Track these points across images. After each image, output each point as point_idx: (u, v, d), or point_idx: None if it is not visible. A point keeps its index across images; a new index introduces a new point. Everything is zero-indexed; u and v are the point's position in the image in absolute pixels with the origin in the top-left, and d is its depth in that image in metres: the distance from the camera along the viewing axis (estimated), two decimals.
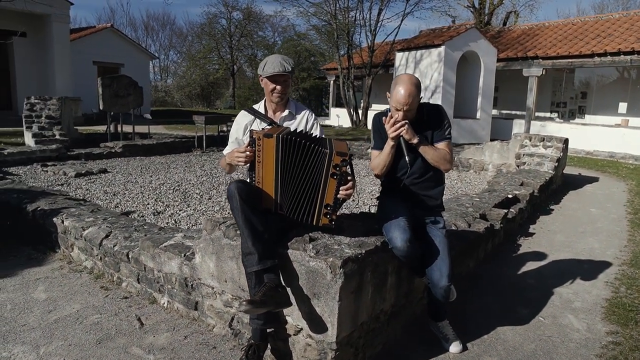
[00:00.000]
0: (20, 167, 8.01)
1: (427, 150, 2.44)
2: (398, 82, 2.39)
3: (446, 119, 2.53)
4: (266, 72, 2.49)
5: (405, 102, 2.35)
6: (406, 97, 2.34)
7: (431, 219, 2.57)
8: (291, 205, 2.25)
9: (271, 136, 2.19)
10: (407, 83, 2.36)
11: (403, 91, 2.34)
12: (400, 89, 2.36)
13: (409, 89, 2.34)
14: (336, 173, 2.15)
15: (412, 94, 2.34)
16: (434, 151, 2.45)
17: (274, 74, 2.48)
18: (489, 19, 22.56)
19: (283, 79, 2.53)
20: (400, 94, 2.35)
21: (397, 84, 2.39)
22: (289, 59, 2.55)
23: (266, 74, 2.49)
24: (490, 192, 5.57)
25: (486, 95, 14.82)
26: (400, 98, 2.35)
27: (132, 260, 3.23)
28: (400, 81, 2.38)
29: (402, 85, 2.36)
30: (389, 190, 2.62)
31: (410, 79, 2.39)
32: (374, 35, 18.45)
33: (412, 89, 2.35)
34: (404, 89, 2.34)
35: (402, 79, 2.39)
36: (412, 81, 2.37)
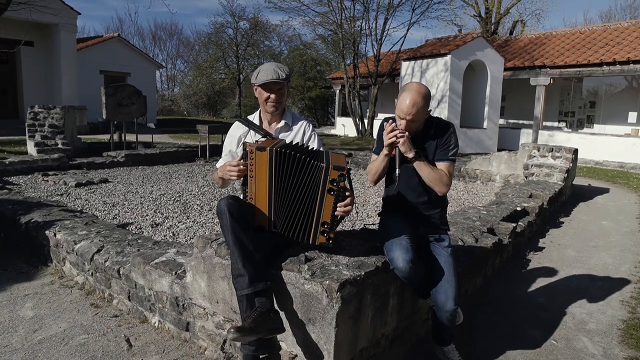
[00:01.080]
0: (21, 177, 7.93)
1: (422, 168, 2.28)
2: (405, 89, 2.26)
3: (454, 140, 2.37)
4: (259, 80, 2.36)
5: (408, 111, 2.21)
6: (409, 107, 2.20)
7: (435, 236, 2.42)
8: (286, 223, 2.11)
9: (264, 149, 2.05)
10: (414, 92, 2.22)
11: (408, 100, 2.21)
12: (405, 97, 2.22)
13: (414, 99, 2.21)
14: (333, 189, 2.00)
15: (417, 105, 2.21)
16: (430, 170, 2.29)
17: (268, 82, 2.35)
18: (496, 28, 22.45)
19: (277, 87, 2.40)
20: (405, 102, 2.22)
21: (404, 91, 2.26)
22: (283, 66, 2.42)
23: (259, 82, 2.37)
24: (498, 205, 5.40)
25: (493, 104, 14.65)
26: (404, 107, 2.22)
27: (123, 276, 3.09)
28: (408, 89, 2.25)
29: (408, 94, 2.23)
30: (391, 206, 2.48)
31: (419, 88, 2.26)
32: (379, 44, 18.39)
33: (417, 99, 2.21)
34: (409, 98, 2.21)
35: (410, 87, 2.26)
36: (419, 91, 2.24)
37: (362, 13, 18.63)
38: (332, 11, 18.94)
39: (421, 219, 2.41)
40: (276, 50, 38.26)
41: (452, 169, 2.36)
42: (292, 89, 32.11)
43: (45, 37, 17.23)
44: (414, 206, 2.40)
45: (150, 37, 48.62)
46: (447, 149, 2.35)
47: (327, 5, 18.86)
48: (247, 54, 37.29)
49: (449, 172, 2.33)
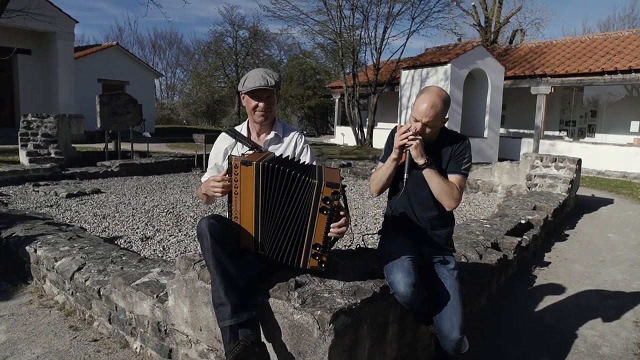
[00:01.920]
0: (12, 187, 7.73)
1: (432, 177, 2.11)
2: (424, 91, 2.12)
3: (468, 153, 2.21)
4: (246, 87, 2.18)
5: (426, 112, 2.06)
6: (428, 109, 2.06)
7: (440, 257, 2.23)
8: (274, 244, 1.91)
9: (250, 164, 1.86)
10: (434, 95, 2.08)
11: (427, 102, 2.07)
12: (425, 98, 2.09)
13: (433, 101, 2.06)
14: (326, 207, 1.81)
15: (437, 107, 2.06)
16: (441, 181, 2.11)
17: (255, 89, 2.17)
18: (495, 37, 22.38)
19: (266, 95, 2.21)
20: (423, 104, 2.07)
21: (423, 92, 2.12)
22: (273, 72, 2.24)
23: (246, 90, 2.18)
24: (501, 218, 5.20)
25: (494, 113, 14.50)
26: (422, 108, 2.06)
27: (103, 297, 2.89)
28: (427, 91, 2.11)
29: (427, 95, 2.09)
30: (393, 223, 2.28)
31: (439, 92, 2.11)
32: (379, 53, 18.29)
33: (437, 102, 2.06)
34: (428, 99, 2.07)
35: (430, 90, 2.12)
36: (440, 94, 2.09)
37: (362, 22, 18.56)
38: (332, 20, 18.85)
39: (426, 238, 2.22)
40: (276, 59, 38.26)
41: (463, 184, 2.19)
42: (292, 98, 32.08)
43: (43, 45, 17.11)
44: (419, 223, 2.21)
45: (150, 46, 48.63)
46: (461, 162, 2.19)
47: (326, 14, 18.78)
48: (246, 63, 37.22)
49: (460, 186, 2.16)
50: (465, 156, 2.19)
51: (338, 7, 18.16)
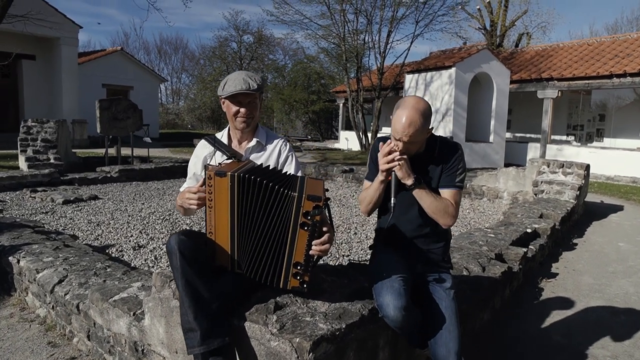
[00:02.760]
0: (9, 193, 7.63)
1: (423, 197, 1.93)
2: (401, 105, 1.91)
3: (461, 163, 2.02)
4: (226, 91, 2.02)
5: (404, 131, 1.86)
6: (405, 126, 1.85)
7: (435, 276, 2.05)
8: (251, 263, 1.75)
9: (224, 174, 1.70)
10: (411, 109, 1.87)
11: (404, 118, 1.86)
12: (401, 114, 1.88)
13: (410, 117, 1.85)
14: (307, 223, 1.65)
15: (415, 124, 1.85)
16: (433, 199, 1.94)
17: (236, 93, 2.01)
18: (501, 41, 22.18)
19: (248, 100, 2.05)
20: (400, 121, 1.87)
21: (399, 107, 1.91)
22: (255, 74, 2.08)
23: (226, 94, 2.03)
24: (506, 226, 5.01)
25: (499, 118, 14.29)
26: (399, 126, 1.87)
27: (82, 313, 2.74)
28: (404, 105, 1.90)
29: (404, 111, 1.87)
30: (384, 239, 2.11)
31: (417, 104, 1.89)
32: (383, 57, 18.12)
33: (414, 117, 1.85)
34: (405, 116, 1.86)
35: (406, 103, 1.90)
36: (417, 107, 1.87)
37: (365, 26, 18.42)
38: (335, 24, 18.73)
39: (419, 255, 2.05)
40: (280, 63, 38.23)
41: (459, 198, 1.99)
42: (296, 103, 32.00)
43: (47, 51, 17.14)
44: (412, 240, 2.04)
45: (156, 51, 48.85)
46: (454, 174, 1.99)
47: (329, 18, 18.67)
48: (251, 68, 37.21)
49: (456, 201, 1.97)
50: (459, 167, 2.00)
51: (341, 11, 18.05)
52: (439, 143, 2.05)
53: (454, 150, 2.02)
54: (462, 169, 2.01)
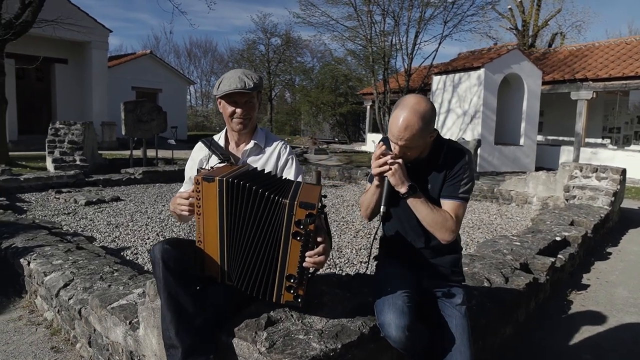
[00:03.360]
0: (35, 194, 7.77)
1: (418, 207, 1.76)
2: (399, 105, 1.74)
3: (468, 172, 1.81)
4: (221, 91, 1.91)
5: (400, 135, 1.70)
6: (401, 130, 1.69)
7: (444, 290, 1.88)
8: (242, 274, 1.63)
9: (212, 179, 1.58)
10: (409, 110, 1.69)
11: (400, 120, 1.69)
12: (397, 115, 1.71)
13: (407, 120, 1.68)
14: (300, 232, 1.51)
15: (413, 128, 1.68)
16: (430, 211, 1.75)
17: (231, 93, 1.89)
18: (533, 41, 21.54)
19: (245, 100, 1.93)
20: (396, 123, 1.70)
21: (397, 107, 1.74)
22: (252, 73, 1.96)
23: (221, 94, 1.91)
24: (533, 234, 4.75)
25: (530, 120, 13.82)
26: (394, 129, 1.71)
27: (83, 318, 2.67)
28: (402, 105, 1.72)
29: (401, 112, 1.70)
30: (388, 248, 1.96)
31: (416, 104, 1.71)
32: (410, 59, 17.81)
33: (412, 120, 1.68)
34: (402, 118, 1.69)
35: (405, 103, 1.73)
36: (416, 108, 1.69)
37: (393, 27, 18.17)
38: (362, 26, 18.56)
39: (426, 267, 1.88)
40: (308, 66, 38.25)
41: (461, 211, 1.79)
42: (323, 105, 31.97)
43: (78, 55, 17.55)
44: (418, 251, 1.87)
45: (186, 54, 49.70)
46: (458, 184, 1.80)
47: (356, 19, 18.51)
48: (279, 70, 37.39)
49: (456, 214, 1.78)
50: (464, 176, 1.80)
51: (368, 12, 17.86)
52: (445, 148, 1.86)
53: (459, 157, 1.82)
54: (469, 178, 1.81)
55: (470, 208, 7.82)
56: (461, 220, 1.80)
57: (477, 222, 6.70)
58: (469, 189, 1.81)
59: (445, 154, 1.84)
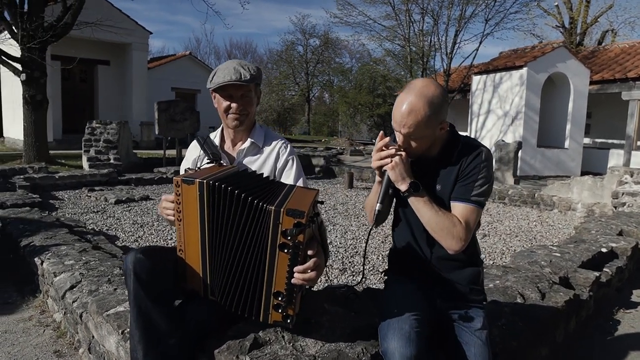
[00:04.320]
0: (69, 192, 7.91)
1: (421, 209, 1.52)
2: (405, 88, 1.53)
3: (484, 172, 1.55)
4: (214, 83, 1.73)
5: (402, 121, 1.48)
6: (404, 115, 1.47)
7: (461, 313, 1.62)
8: (225, 289, 1.44)
9: (192, 182, 1.40)
10: (415, 93, 1.47)
11: (404, 105, 1.48)
12: (401, 99, 1.50)
13: (412, 103, 1.46)
14: (287, 244, 1.31)
15: (417, 113, 1.46)
16: (434, 214, 1.51)
17: (225, 85, 1.71)
18: (581, 39, 20.52)
19: (240, 93, 1.75)
20: (399, 107, 1.49)
21: (402, 91, 1.53)
22: (249, 64, 1.77)
23: (214, 86, 1.73)
24: (576, 244, 4.36)
25: (576, 121, 13.10)
26: (397, 114, 1.50)
27: (83, 323, 2.56)
28: (407, 88, 1.52)
29: (405, 95, 1.50)
30: (397, 262, 1.72)
31: (424, 88, 1.49)
32: (450, 58, 17.30)
33: (417, 105, 1.46)
34: (406, 102, 1.48)
35: (411, 86, 1.52)
36: (423, 92, 1.47)
37: (432, 26, 17.70)
38: (400, 25, 18.21)
39: (439, 284, 1.63)
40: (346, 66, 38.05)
41: (472, 217, 1.53)
42: (361, 106, 31.76)
43: (120, 56, 18.01)
44: (430, 264, 1.63)
45: (226, 56, 50.43)
46: (471, 185, 1.54)
47: (394, 19, 18.17)
48: (317, 71, 37.41)
49: (467, 220, 1.52)
50: (479, 176, 1.54)
51: (407, 11, 17.51)
52: (461, 145, 1.62)
53: (475, 154, 1.57)
54: (485, 180, 1.55)
55: (508, 213, 7.40)
56: (473, 228, 1.54)
57: (515, 229, 6.30)
58: (484, 192, 1.55)
59: (460, 152, 1.60)
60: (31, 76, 9.67)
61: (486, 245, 5.38)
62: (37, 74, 9.77)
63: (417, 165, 1.60)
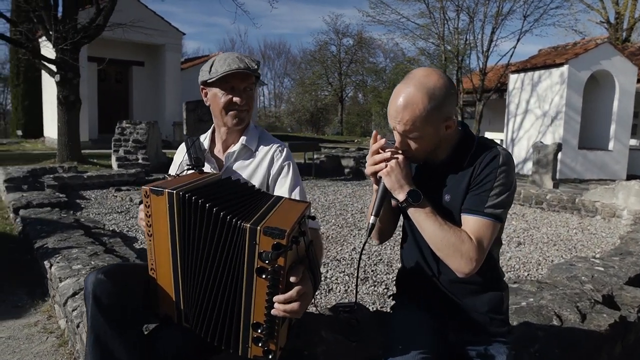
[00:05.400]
0: (96, 191, 7.96)
1: (422, 222, 1.27)
2: (403, 79, 1.30)
3: (501, 180, 1.28)
4: (216, 73, 1.52)
5: (397, 116, 1.26)
6: (399, 109, 1.25)
7: (479, 349, 1.36)
8: (200, 317, 1.24)
9: (161, 192, 1.21)
10: (413, 84, 1.24)
11: (400, 98, 1.24)
12: (398, 90, 1.27)
13: (409, 95, 1.23)
14: (265, 268, 1.09)
15: (414, 105, 1.23)
16: (437, 227, 1.25)
17: (228, 76, 1.50)
18: (628, 35, 19.49)
19: (244, 86, 1.55)
20: (394, 100, 1.26)
21: (399, 83, 1.29)
22: (249, 55, 1.58)
23: (217, 76, 1.52)
24: (622, 256, 3.97)
25: (622, 121, 12.38)
26: (391, 108, 1.28)
27: (78, 335, 2.43)
28: (405, 79, 1.29)
29: (403, 86, 1.26)
30: (405, 285, 1.48)
31: (423, 77, 1.26)
32: (486, 57, 16.73)
33: (415, 97, 1.22)
34: (402, 94, 1.24)
35: (409, 76, 1.28)
36: (422, 82, 1.24)
37: (467, 24, 17.18)
38: (434, 23, 17.76)
39: (452, 313, 1.37)
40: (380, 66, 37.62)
41: (486, 233, 1.26)
42: None
43: (154, 57, 18.28)
44: (440, 289, 1.38)
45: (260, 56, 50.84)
46: (485, 195, 1.28)
47: (428, 17, 17.73)
48: (350, 71, 37.14)
49: (478, 236, 1.25)
50: (495, 184, 1.27)
51: (441, 8, 17.04)
52: (475, 145, 1.35)
53: (490, 157, 1.30)
54: (503, 188, 1.27)
55: (546, 220, 6.96)
56: (487, 246, 1.26)
57: (553, 237, 5.89)
58: (501, 202, 1.27)
59: (473, 155, 1.33)
60: (65, 77, 9.85)
61: (521, 255, 5.03)
62: (71, 75, 9.95)
63: (422, 171, 1.36)
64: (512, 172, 1.29)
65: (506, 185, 1.28)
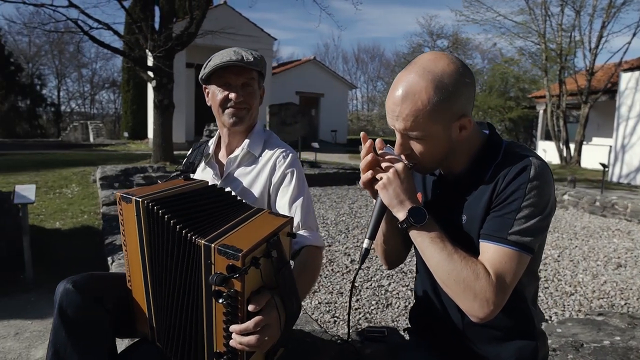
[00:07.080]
0: None
1: (426, 248, 1.01)
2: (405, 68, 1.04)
3: (532, 199, 0.98)
4: (209, 67, 1.42)
5: (394, 110, 1.00)
6: (397, 101, 0.99)
7: None
8: (169, 337, 1.12)
9: (129, 200, 1.11)
10: (414, 71, 0.99)
11: (398, 89, 0.99)
12: (397, 79, 1.02)
13: (410, 83, 0.98)
14: (222, 292, 0.94)
15: (416, 96, 0.97)
16: (446, 258, 0.98)
17: (222, 71, 1.40)
18: None
19: (242, 81, 1.42)
20: (393, 91, 1.01)
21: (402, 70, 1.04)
22: (250, 50, 1.45)
23: (209, 70, 1.41)
24: None
25: None
26: (389, 101, 1.01)
27: None
28: (408, 66, 1.02)
29: (403, 74, 1.01)
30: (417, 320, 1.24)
31: (429, 62, 1.00)
32: (594, 55, 15.19)
33: (416, 85, 0.97)
34: (402, 83, 0.99)
35: (413, 61, 1.02)
36: (426, 68, 0.98)
37: (573, 19, 15.72)
38: (535, 20, 16.49)
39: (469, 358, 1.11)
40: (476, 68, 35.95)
41: (511, 267, 0.96)
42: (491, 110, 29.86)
43: None
44: (455, 330, 1.12)
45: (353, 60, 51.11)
46: (511, 216, 0.99)
47: (528, 13, 16.51)
48: None
49: (499, 271, 0.96)
50: (524, 203, 0.98)
51: (543, 3, 15.78)
52: (502, 155, 1.06)
53: (518, 169, 1.00)
54: (534, 210, 0.98)
55: None
56: (511, 284, 0.97)
57: None
58: (530, 228, 0.98)
59: (498, 165, 1.04)
60: (160, 82, 10.54)
61: (619, 279, 4.38)
62: (165, 80, 10.61)
63: (436, 185, 1.13)
64: (547, 189, 1.00)
65: (538, 205, 0.98)
